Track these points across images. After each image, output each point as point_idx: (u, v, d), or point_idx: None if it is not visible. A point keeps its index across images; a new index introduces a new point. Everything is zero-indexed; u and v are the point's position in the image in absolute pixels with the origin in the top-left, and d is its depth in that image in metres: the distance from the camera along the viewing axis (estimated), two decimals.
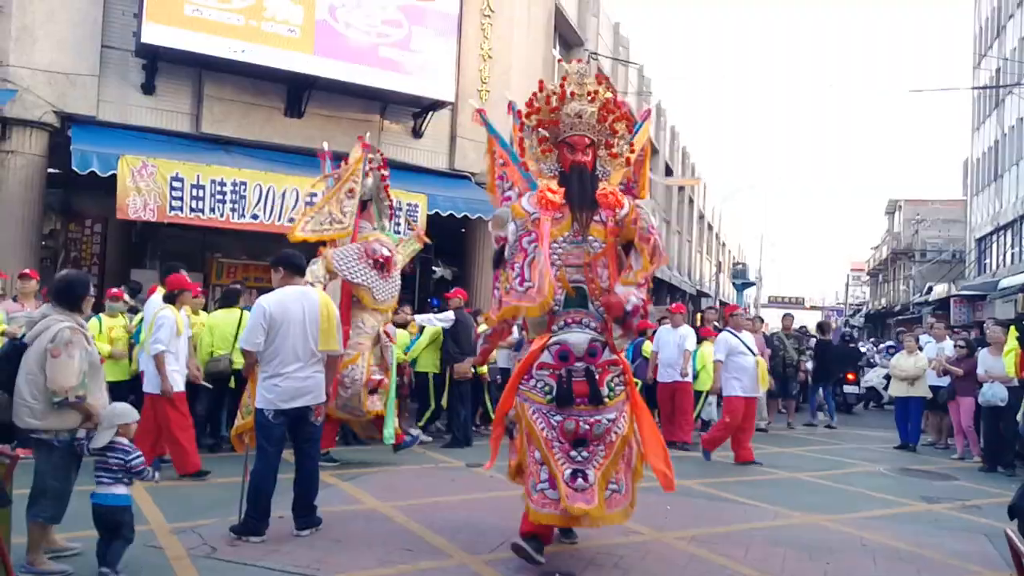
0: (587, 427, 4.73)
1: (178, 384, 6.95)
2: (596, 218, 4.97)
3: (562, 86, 5.14)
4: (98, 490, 4.44)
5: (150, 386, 6.95)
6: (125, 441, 4.45)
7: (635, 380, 11.86)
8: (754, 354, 9.41)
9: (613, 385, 4.87)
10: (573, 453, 4.71)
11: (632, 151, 5.39)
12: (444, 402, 9.98)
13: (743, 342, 9.47)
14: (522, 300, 4.89)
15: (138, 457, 4.46)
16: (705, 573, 5.10)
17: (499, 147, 5.61)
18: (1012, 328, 9.66)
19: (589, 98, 5.07)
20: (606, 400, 4.80)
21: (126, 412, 4.54)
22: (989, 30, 35.92)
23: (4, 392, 4.49)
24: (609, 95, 5.13)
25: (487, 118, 5.76)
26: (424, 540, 5.44)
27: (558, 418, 4.76)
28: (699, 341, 11.89)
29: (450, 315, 9.70)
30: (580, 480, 4.65)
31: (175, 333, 6.89)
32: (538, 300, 4.80)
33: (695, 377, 11.09)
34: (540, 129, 5.19)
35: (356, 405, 7.71)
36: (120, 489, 4.43)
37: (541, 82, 5.29)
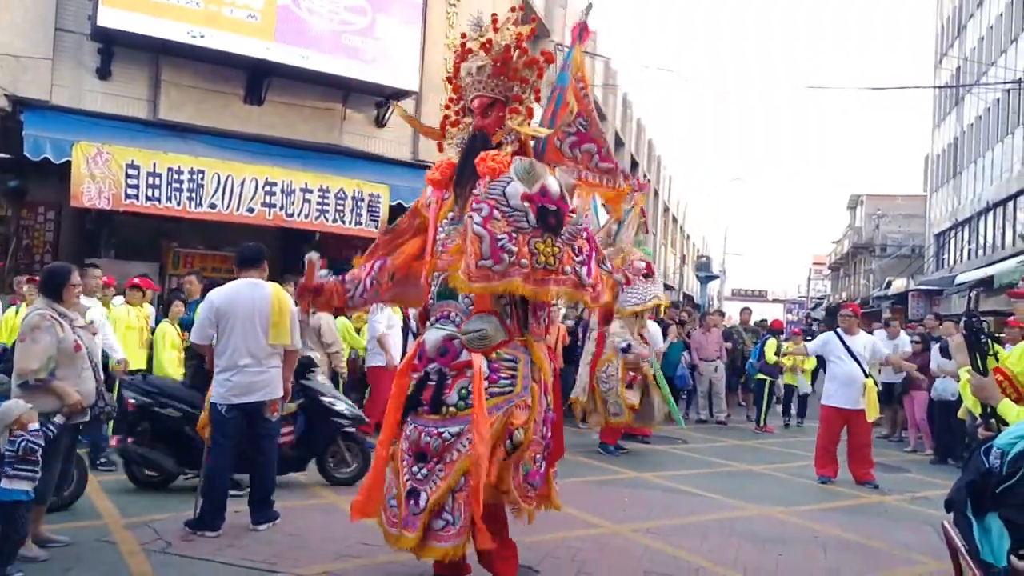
0: (427, 439, 3.99)
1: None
2: (475, 191, 4.05)
3: (462, 45, 4.43)
4: None
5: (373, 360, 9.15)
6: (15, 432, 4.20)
7: (764, 375, 12.16)
8: (858, 362, 8.27)
9: (465, 394, 3.99)
10: (415, 468, 4.01)
11: (537, 98, 4.45)
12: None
13: (845, 346, 8.39)
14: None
15: (12, 442, 4.19)
16: (660, 564, 5.15)
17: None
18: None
19: (484, 51, 4.30)
20: (452, 409, 3.98)
21: (9, 410, 4.26)
22: (950, 29, 36.48)
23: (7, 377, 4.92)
24: (506, 40, 4.26)
25: None
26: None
27: (410, 427, 4.09)
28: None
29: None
30: (412, 502, 3.97)
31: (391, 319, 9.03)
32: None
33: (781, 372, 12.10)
34: (461, 100, 4.50)
35: (615, 400, 8.87)
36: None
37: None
